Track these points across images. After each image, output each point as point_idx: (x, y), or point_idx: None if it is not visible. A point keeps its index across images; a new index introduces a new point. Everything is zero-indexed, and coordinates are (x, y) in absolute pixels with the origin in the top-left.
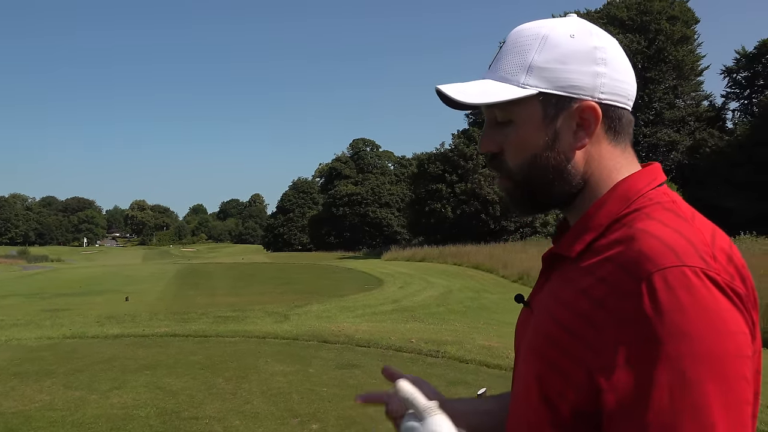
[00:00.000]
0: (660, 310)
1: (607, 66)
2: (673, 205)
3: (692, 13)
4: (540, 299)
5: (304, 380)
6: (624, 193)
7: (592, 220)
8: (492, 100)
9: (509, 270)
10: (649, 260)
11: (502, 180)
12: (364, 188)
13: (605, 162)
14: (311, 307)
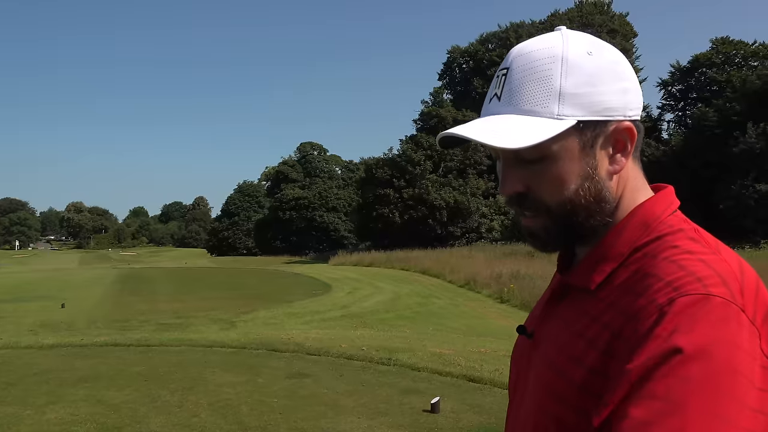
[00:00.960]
0: (674, 333)
1: (628, 80)
2: (696, 234)
3: (631, 27)
4: (550, 332)
5: (254, 391)
6: (643, 218)
7: (612, 249)
8: (536, 141)
9: (456, 275)
10: (670, 286)
11: (535, 219)
12: (311, 192)
13: (630, 183)
14: (258, 314)
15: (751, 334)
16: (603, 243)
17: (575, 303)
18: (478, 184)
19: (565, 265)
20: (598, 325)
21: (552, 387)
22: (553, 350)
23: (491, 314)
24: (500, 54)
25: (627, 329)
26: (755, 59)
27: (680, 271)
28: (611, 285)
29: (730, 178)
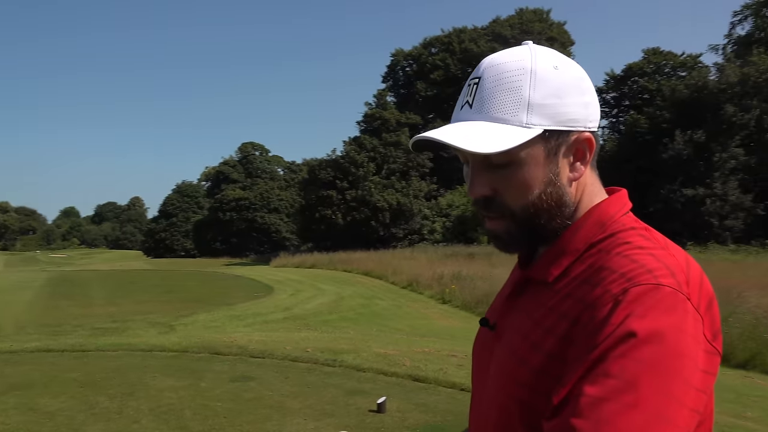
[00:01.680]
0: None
1: (590, 94)
2: (646, 232)
3: (568, 36)
4: (511, 323)
5: (197, 395)
6: (598, 218)
7: (569, 245)
8: (507, 147)
9: (399, 276)
10: (624, 277)
11: (498, 221)
12: (252, 193)
13: (588, 188)
14: (198, 317)
15: (696, 321)
16: (561, 240)
17: (535, 295)
18: (420, 186)
19: (527, 261)
20: (555, 314)
21: (514, 373)
22: (515, 339)
23: (434, 315)
24: (443, 58)
25: (584, 316)
26: (683, 69)
27: (632, 264)
28: (567, 278)
29: (660, 183)
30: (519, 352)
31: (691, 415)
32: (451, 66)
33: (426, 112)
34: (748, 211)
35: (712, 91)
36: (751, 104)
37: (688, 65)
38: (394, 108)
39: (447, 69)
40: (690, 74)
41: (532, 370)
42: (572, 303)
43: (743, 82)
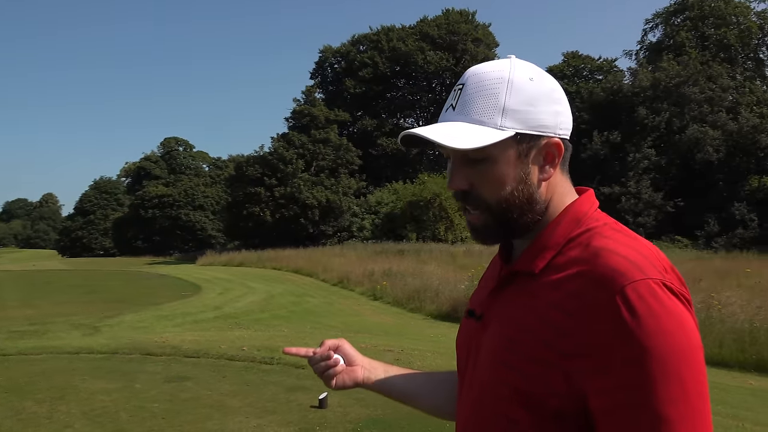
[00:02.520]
0: (637, 316)
1: (561, 104)
2: (617, 225)
3: (493, 37)
4: (499, 313)
5: (131, 397)
6: (575, 215)
7: (551, 239)
8: (480, 145)
9: (329, 274)
10: (619, 275)
11: (477, 214)
12: (176, 190)
13: (558, 188)
14: (124, 317)
15: (684, 306)
16: (542, 235)
17: (522, 287)
18: (349, 184)
19: (507, 257)
20: (543, 302)
21: (506, 358)
22: (505, 326)
23: (366, 311)
24: (371, 56)
25: (585, 312)
26: (600, 73)
27: (619, 259)
28: (552, 269)
29: (579, 182)
30: (513, 338)
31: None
32: (379, 64)
33: (355, 110)
34: (659, 208)
35: (626, 95)
36: (661, 107)
37: (605, 69)
38: (323, 105)
39: (376, 67)
40: (606, 78)
41: (525, 355)
42: (564, 295)
43: (655, 87)
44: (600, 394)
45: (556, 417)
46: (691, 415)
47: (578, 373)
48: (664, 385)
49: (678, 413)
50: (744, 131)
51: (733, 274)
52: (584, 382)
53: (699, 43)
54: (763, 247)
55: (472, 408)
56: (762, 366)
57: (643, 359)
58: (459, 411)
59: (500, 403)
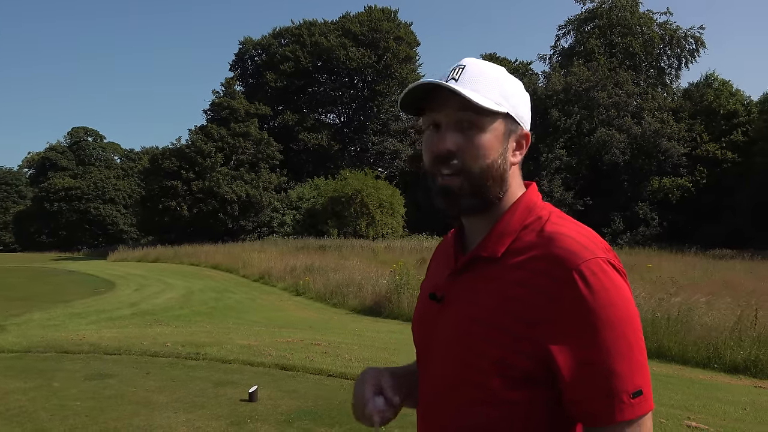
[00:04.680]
0: (592, 290)
1: (529, 105)
2: (561, 214)
3: (414, 36)
4: (460, 294)
5: (50, 396)
6: (527, 204)
7: (509, 227)
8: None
9: (249, 269)
10: (574, 255)
11: (454, 178)
12: (84, 182)
13: (516, 179)
14: (32, 316)
15: (624, 280)
16: (500, 223)
17: (483, 270)
18: (270, 179)
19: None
20: (507, 281)
21: (474, 330)
22: (470, 305)
23: (289, 306)
24: (293, 50)
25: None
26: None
27: (571, 241)
28: (510, 253)
29: None
30: (478, 315)
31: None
32: (301, 58)
33: (276, 104)
34: (570, 206)
35: (540, 97)
36: (572, 110)
37: (521, 72)
38: (243, 98)
39: (297, 61)
40: (522, 80)
41: (494, 327)
42: (526, 274)
43: (566, 90)
44: (563, 354)
45: (526, 380)
46: (637, 367)
47: (543, 337)
48: (615, 345)
49: (626, 367)
50: (647, 135)
51: (636, 268)
52: (549, 344)
53: (607, 51)
54: (662, 244)
55: (438, 382)
56: (662, 353)
57: (597, 325)
58: (421, 387)
59: (470, 373)
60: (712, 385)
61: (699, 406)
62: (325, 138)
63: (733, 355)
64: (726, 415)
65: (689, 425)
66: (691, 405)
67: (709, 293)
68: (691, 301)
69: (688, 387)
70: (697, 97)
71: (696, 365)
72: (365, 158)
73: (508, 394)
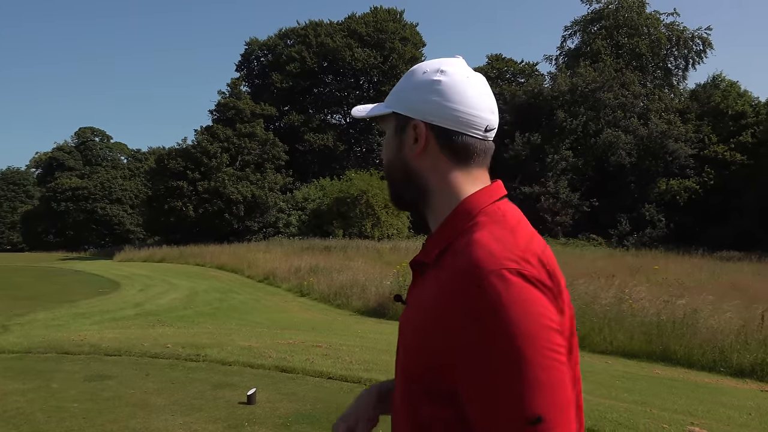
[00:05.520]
0: (489, 306)
1: (440, 95)
2: (501, 217)
3: (420, 37)
4: (411, 299)
5: (48, 397)
6: (466, 208)
7: (443, 233)
8: (367, 114)
9: (254, 270)
10: (477, 267)
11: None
12: (91, 182)
13: (448, 179)
14: (37, 316)
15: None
16: (439, 228)
17: (424, 274)
18: (276, 179)
19: None
20: (428, 290)
21: (407, 342)
22: (409, 311)
23: (293, 308)
24: (299, 51)
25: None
26: (522, 76)
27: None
28: (438, 260)
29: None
30: (411, 319)
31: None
32: (307, 59)
33: (282, 104)
34: (576, 208)
35: (546, 98)
36: (578, 111)
37: (527, 72)
38: (248, 98)
39: (303, 62)
40: (528, 81)
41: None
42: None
43: (572, 91)
44: (460, 373)
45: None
46: (537, 392)
47: (448, 353)
48: (511, 367)
49: (523, 391)
50: (653, 136)
51: (642, 270)
52: (451, 360)
53: (613, 51)
54: (669, 246)
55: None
56: (667, 356)
57: (491, 344)
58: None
59: (406, 386)
60: (717, 389)
61: (703, 410)
62: (331, 138)
63: (740, 358)
64: (730, 420)
65: (692, 431)
66: (694, 410)
67: (715, 295)
68: (697, 304)
69: (693, 391)
70: (704, 98)
71: (702, 368)
72: (371, 159)
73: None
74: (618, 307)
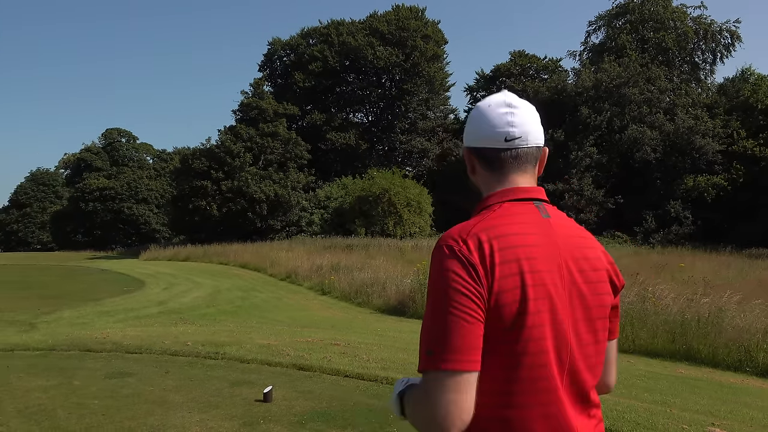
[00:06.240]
0: (431, 263)
1: (471, 125)
2: (492, 211)
3: (442, 35)
4: None
5: (70, 394)
6: (481, 204)
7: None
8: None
9: (276, 268)
10: (439, 239)
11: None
12: (118, 182)
13: (484, 182)
14: (63, 314)
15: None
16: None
17: None
18: (298, 178)
19: None
20: None
21: None
22: None
23: (314, 306)
24: (321, 50)
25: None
26: (545, 72)
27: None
28: None
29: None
30: None
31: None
32: (329, 58)
33: (304, 103)
34: (600, 205)
35: (570, 95)
36: (603, 107)
37: (550, 69)
38: (271, 98)
39: (325, 61)
40: (551, 77)
41: None
42: None
43: (597, 87)
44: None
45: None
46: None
47: None
48: (426, 310)
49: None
50: (680, 132)
51: (668, 268)
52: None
53: (639, 46)
54: (696, 243)
55: None
56: (691, 356)
57: (427, 289)
58: None
59: None
60: (742, 389)
61: (725, 411)
62: (353, 137)
63: (766, 358)
64: (753, 421)
65: None
66: (717, 410)
67: (742, 294)
68: (723, 302)
69: (716, 391)
70: (732, 93)
71: (727, 368)
72: (393, 157)
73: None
74: (641, 306)
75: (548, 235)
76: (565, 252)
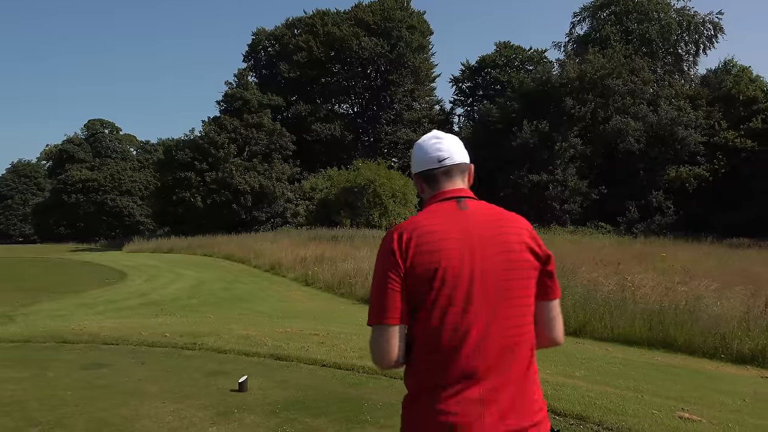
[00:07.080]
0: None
1: (413, 158)
2: (426, 210)
3: (428, 25)
4: None
5: (43, 385)
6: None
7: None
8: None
9: (261, 260)
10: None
11: None
12: (101, 174)
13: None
14: (42, 306)
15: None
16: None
17: None
18: (283, 169)
19: None
20: None
21: None
22: None
23: (296, 297)
24: (306, 40)
25: None
26: (530, 63)
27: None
28: None
29: (510, 169)
30: None
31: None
32: (314, 48)
33: (289, 94)
34: (584, 195)
35: (554, 86)
36: (587, 98)
37: (535, 60)
38: (256, 89)
39: (310, 51)
40: (536, 68)
41: None
42: None
43: (581, 78)
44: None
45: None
46: (372, 286)
47: None
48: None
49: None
50: (663, 123)
51: (649, 258)
52: None
53: (623, 37)
54: (678, 233)
55: None
56: (668, 343)
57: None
58: None
59: None
60: (716, 376)
61: (696, 397)
62: (338, 128)
63: (741, 345)
64: (723, 406)
65: (681, 416)
66: (688, 396)
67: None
68: (701, 291)
69: (691, 378)
70: (715, 84)
71: (703, 355)
72: (378, 148)
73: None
74: (620, 295)
75: (461, 222)
76: (475, 235)
